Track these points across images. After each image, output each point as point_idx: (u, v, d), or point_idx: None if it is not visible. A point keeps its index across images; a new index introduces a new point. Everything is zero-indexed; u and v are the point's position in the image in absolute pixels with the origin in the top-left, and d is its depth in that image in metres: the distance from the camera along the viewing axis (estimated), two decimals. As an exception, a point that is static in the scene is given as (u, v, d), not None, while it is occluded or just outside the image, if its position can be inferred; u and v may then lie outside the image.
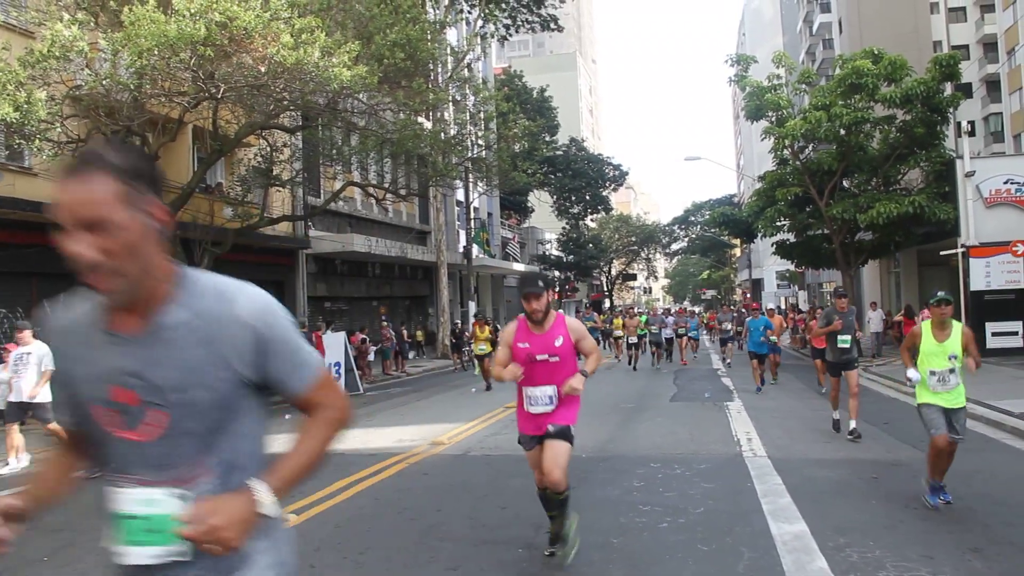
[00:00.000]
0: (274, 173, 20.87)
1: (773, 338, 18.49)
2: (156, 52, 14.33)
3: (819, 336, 13.30)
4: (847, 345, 11.76)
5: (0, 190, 16.50)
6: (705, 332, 44.60)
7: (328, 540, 6.90)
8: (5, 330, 17.29)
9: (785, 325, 30.69)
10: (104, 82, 15.11)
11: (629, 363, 26.28)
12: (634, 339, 25.89)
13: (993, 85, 49.51)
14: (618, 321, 31.62)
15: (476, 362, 22.85)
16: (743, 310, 38.86)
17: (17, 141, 14.80)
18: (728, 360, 25.91)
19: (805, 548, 6.22)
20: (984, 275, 22.64)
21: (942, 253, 24.22)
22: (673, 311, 39.47)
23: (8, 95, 13.44)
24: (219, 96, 16.65)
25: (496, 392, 18.31)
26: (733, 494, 8.14)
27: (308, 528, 7.30)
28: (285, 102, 17.90)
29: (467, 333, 28.58)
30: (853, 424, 11.06)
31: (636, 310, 39.60)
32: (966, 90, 28.07)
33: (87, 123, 16.42)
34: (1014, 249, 22.24)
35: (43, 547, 7.02)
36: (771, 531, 6.71)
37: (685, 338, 27.89)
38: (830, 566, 5.77)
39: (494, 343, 19.65)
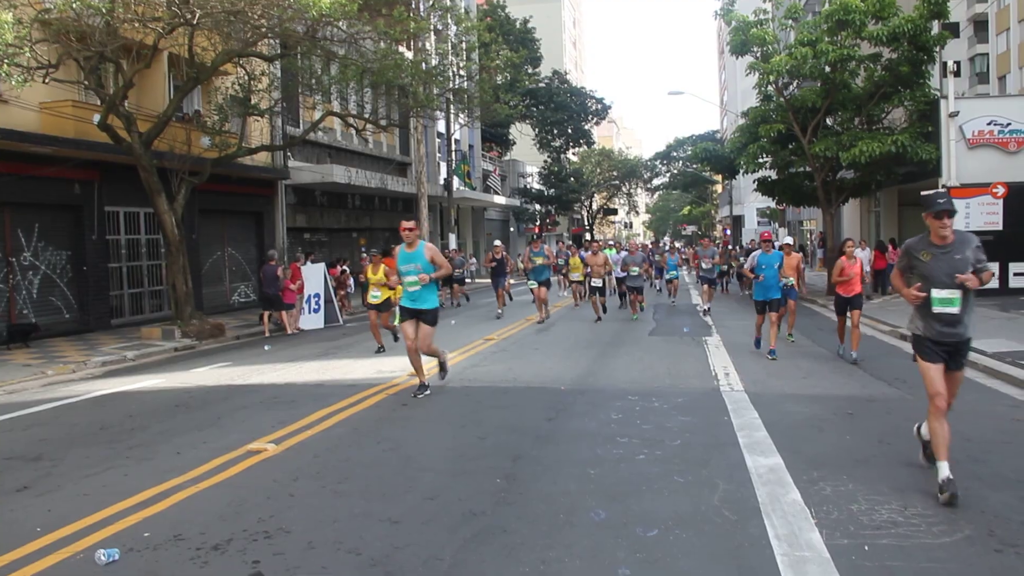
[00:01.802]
0: (252, 102, 20.51)
1: (790, 280, 14.31)
2: (129, -26, 13.95)
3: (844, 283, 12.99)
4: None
5: (-30, 116, 16.15)
6: (686, 271, 42.95)
7: (307, 470, 6.93)
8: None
9: (804, 265, 19.66)
10: (74, 5, 14.69)
11: (595, 314, 20.05)
12: (598, 282, 19.92)
13: (981, 25, 49.20)
14: (575, 261, 24.88)
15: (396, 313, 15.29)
16: (730, 246, 37.54)
17: (-17, 65, 14.42)
18: (706, 306, 21.63)
19: (779, 481, 6.31)
20: (964, 216, 22.73)
21: (923, 193, 24.14)
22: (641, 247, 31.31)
23: (-28, 17, 13.05)
24: (195, 22, 16.27)
25: (475, 324, 18.32)
26: (710, 427, 8.23)
27: (287, 458, 7.34)
28: (263, 29, 17.53)
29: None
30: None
31: (609, 241, 34.16)
32: (953, 29, 27.84)
33: (58, 48, 16.01)
34: (994, 191, 22.32)
35: (22, 477, 7.04)
36: (747, 464, 6.80)
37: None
38: (803, 499, 5.86)
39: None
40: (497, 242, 24.77)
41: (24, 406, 10.75)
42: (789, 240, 16.26)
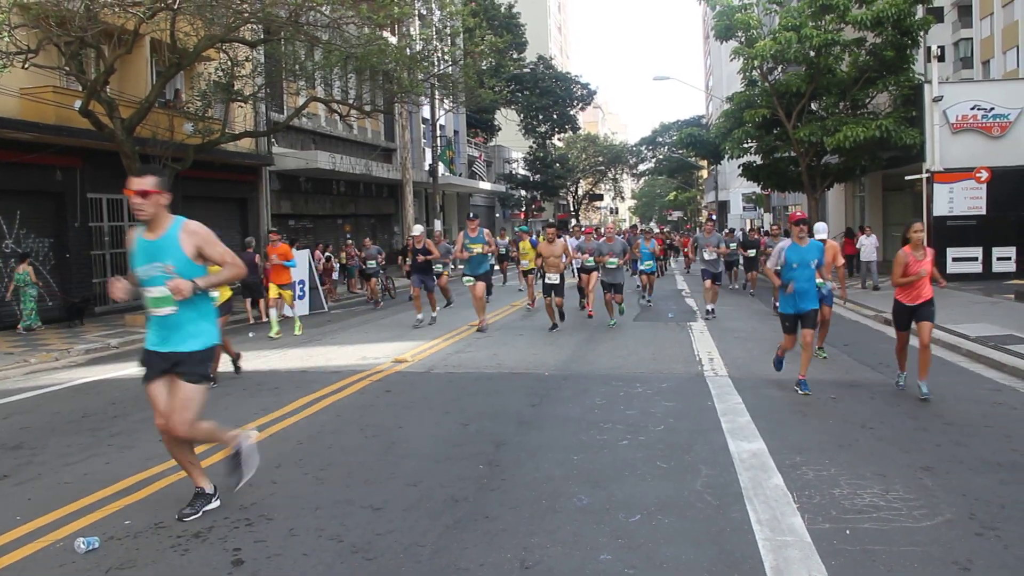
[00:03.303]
0: (235, 88, 20.37)
1: (826, 283, 11.19)
2: (109, -43, 13.81)
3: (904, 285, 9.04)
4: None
5: (-51, 101, 15.97)
6: (674, 262, 40.09)
7: (289, 456, 6.91)
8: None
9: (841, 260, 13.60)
10: (54, -11, 14.55)
11: (550, 320, 15.46)
12: (554, 278, 15.11)
13: (965, 10, 49.24)
14: (525, 246, 21.40)
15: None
16: (735, 231, 32.11)
17: (-37, 51, 14.26)
18: (709, 307, 17.38)
19: (762, 466, 6.33)
20: (947, 201, 22.86)
21: (907, 178, 24.35)
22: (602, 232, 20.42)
23: (-49, 2, 12.89)
24: (176, 7, 16.14)
25: (460, 310, 18.29)
26: (693, 413, 8.25)
27: (270, 444, 7.30)
28: (245, 14, 17.38)
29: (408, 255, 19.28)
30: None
31: (585, 228, 28.60)
32: (937, 14, 27.85)
33: (37, 33, 15.84)
34: (977, 175, 22.41)
35: (2, 466, 7.00)
36: (730, 449, 6.82)
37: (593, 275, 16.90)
38: (786, 483, 5.88)
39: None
40: (417, 228, 17.64)
41: (5, 394, 10.67)
42: (822, 234, 11.80)
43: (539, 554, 4.74)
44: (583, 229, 19.93)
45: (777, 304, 14.14)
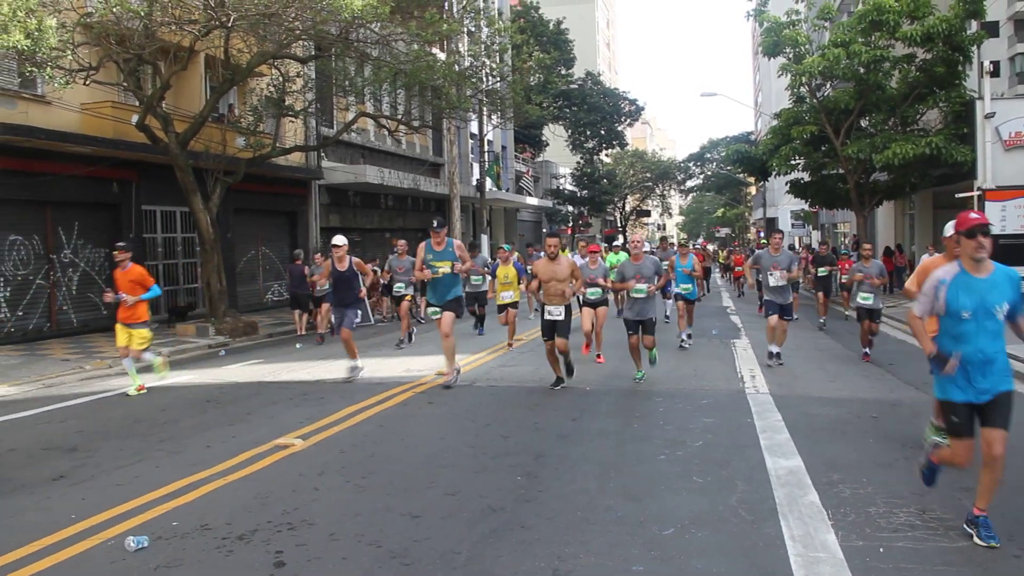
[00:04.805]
0: (286, 103, 20.79)
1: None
2: (165, -22, 14.28)
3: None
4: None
5: (14, 118, 16.49)
6: (720, 279, 38.22)
7: (332, 464, 7.07)
8: (22, 257, 17.48)
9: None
10: (115, 9, 15.03)
11: (554, 372, 11.01)
12: (556, 311, 10.61)
13: (1022, 24, 48.42)
14: (506, 272, 16.29)
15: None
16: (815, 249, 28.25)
17: (29, 69, 14.72)
18: (776, 349, 12.70)
19: (798, 483, 6.34)
20: (1000, 219, 22.45)
21: (958, 195, 23.98)
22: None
23: (19, 22, 13.35)
24: (230, 24, 16.53)
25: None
26: (732, 429, 8.26)
27: (313, 453, 7.48)
28: (297, 31, 17.75)
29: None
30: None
31: (588, 240, 20.37)
32: (992, 29, 27.36)
33: (99, 51, 16.32)
34: (1030, 193, 22.01)
35: (59, 467, 7.25)
36: (766, 465, 6.84)
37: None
38: (821, 500, 5.89)
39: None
40: (339, 238, 12.88)
41: (62, 399, 11.02)
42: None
43: (572, 563, 4.82)
44: (588, 246, 14.29)
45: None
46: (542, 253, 13.21)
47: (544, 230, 57.89)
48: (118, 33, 15.88)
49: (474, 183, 39.37)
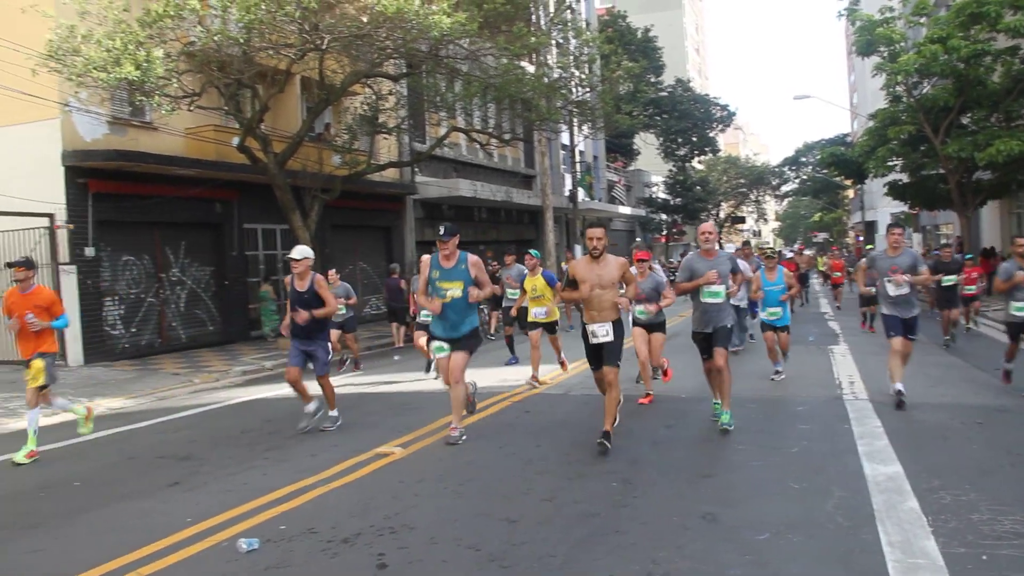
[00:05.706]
0: (380, 121, 21.30)
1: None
2: (263, 6, 14.93)
3: None
4: None
5: (125, 145, 17.37)
6: (819, 285, 35.53)
7: (431, 471, 7.27)
8: (134, 276, 18.33)
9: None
10: (215, 38, 15.72)
11: (604, 424, 7.97)
12: (603, 332, 7.92)
13: None
14: (535, 283, 13.07)
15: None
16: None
17: (139, 98, 15.57)
18: (899, 387, 9.61)
19: (897, 489, 6.25)
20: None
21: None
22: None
23: (130, 55, 14.11)
24: (324, 47, 17.07)
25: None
26: (829, 435, 8.16)
27: (413, 460, 7.70)
28: (388, 50, 18.18)
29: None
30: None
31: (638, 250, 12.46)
32: (1103, 17, 26.26)
33: (201, 77, 17.04)
34: None
35: (173, 474, 7.63)
36: (864, 471, 6.75)
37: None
38: (921, 507, 5.80)
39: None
40: (300, 250, 9.60)
41: (174, 411, 11.55)
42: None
43: (666, 567, 4.88)
44: (636, 252, 11.86)
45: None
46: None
47: (637, 239, 57.61)
48: (219, 60, 16.56)
49: (566, 194, 39.48)
